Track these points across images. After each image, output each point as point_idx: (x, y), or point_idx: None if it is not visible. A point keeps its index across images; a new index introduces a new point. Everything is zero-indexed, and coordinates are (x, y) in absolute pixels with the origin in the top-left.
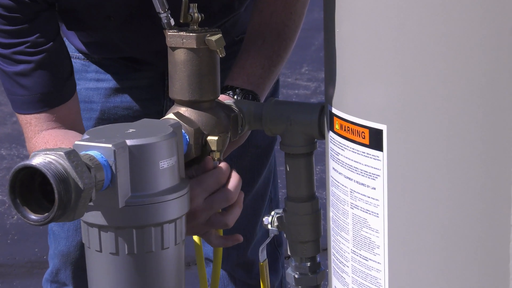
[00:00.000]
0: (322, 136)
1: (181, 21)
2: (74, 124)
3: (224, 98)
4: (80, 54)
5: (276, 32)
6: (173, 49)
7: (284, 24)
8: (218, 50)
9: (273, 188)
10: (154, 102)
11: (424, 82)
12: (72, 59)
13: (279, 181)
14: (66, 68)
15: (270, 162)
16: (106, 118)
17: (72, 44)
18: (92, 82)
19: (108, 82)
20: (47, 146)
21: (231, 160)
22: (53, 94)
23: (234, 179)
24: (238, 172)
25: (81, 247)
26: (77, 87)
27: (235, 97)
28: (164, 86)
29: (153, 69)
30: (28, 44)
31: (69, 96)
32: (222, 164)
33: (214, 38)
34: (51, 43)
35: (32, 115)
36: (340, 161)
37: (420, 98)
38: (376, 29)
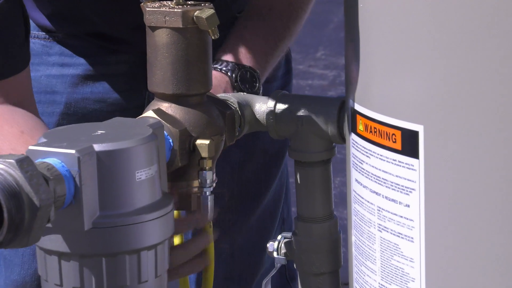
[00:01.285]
0: (343, 140)
1: None
2: (24, 102)
3: (216, 80)
4: (41, 33)
5: None
6: (153, 29)
7: None
8: (210, 31)
9: (285, 206)
10: (134, 94)
11: (473, 70)
12: (30, 39)
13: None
14: (20, 32)
15: (282, 171)
16: (73, 112)
17: (32, 18)
18: (55, 67)
19: (76, 67)
20: None
21: (232, 168)
22: (3, 62)
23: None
24: (241, 184)
25: (40, 276)
26: (37, 74)
27: (229, 74)
28: (145, 73)
29: (133, 51)
30: None
31: (21, 67)
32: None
33: (205, 14)
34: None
35: None
36: (365, 171)
37: (468, 91)
38: (413, 2)
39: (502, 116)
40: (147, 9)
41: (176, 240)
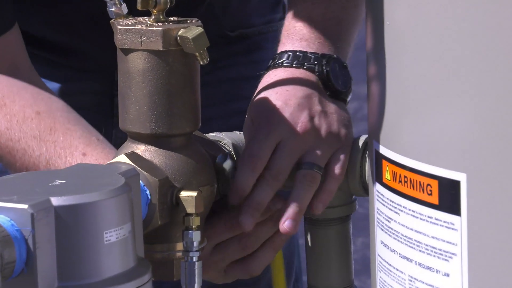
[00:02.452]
0: (365, 191)
1: (139, 7)
2: (21, 66)
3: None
4: None
5: None
6: (126, 52)
7: None
8: (197, 54)
9: (300, 283)
10: (99, 132)
11: None
12: None
13: None
14: None
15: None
16: None
17: None
18: None
19: None
20: None
21: None
22: None
23: None
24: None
25: None
26: None
27: (316, 69)
28: (113, 105)
29: (99, 72)
30: None
31: (9, 24)
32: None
33: (191, 34)
34: None
35: None
36: (393, 231)
37: None
38: (455, 18)
39: None
40: (119, 27)
41: None
